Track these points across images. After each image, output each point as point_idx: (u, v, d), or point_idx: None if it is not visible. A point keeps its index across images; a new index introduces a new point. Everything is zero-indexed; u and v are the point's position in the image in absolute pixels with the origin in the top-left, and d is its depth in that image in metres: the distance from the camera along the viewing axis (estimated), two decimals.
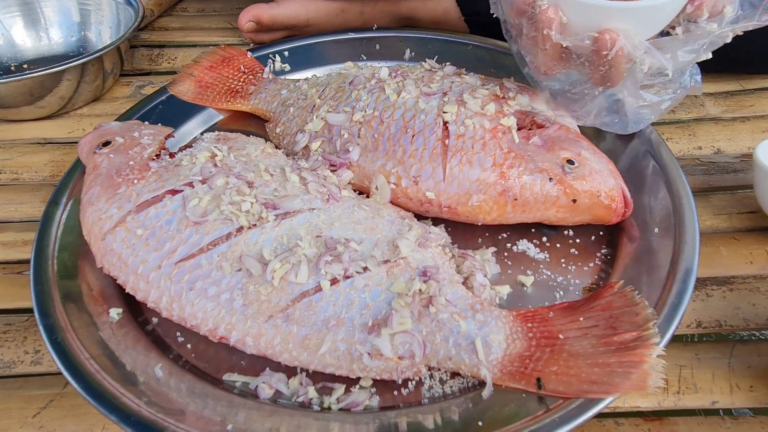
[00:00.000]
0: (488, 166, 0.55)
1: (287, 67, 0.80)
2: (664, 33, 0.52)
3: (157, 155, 0.58)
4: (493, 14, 0.59)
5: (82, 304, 0.51)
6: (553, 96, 0.61)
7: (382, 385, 0.46)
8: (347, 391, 0.46)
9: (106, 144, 0.59)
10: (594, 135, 0.64)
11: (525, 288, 0.54)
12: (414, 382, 0.46)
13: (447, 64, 0.68)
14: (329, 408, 0.45)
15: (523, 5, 0.51)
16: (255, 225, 0.50)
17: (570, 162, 0.55)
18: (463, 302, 0.48)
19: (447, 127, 0.57)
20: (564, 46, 0.51)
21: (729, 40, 0.51)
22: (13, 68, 0.88)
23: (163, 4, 1.04)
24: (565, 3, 0.49)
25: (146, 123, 0.66)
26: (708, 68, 0.57)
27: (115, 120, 0.67)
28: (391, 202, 0.58)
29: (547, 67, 0.54)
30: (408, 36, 0.82)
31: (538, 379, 0.43)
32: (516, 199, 0.55)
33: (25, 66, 0.88)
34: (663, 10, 0.49)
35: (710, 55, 0.52)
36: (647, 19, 0.49)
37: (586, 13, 0.49)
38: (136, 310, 0.52)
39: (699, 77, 0.57)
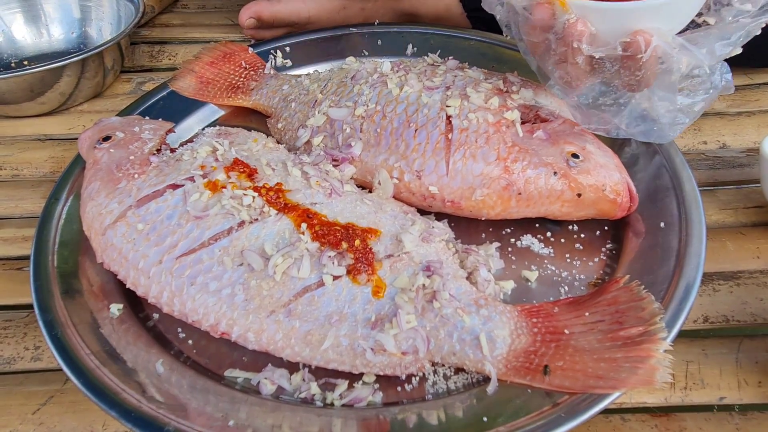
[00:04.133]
0: (492, 160, 0.55)
1: (288, 62, 0.80)
2: (692, 24, 0.50)
3: (158, 150, 0.58)
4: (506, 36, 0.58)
5: (82, 299, 0.51)
6: (583, 110, 0.59)
7: (385, 381, 0.46)
8: (350, 387, 0.45)
9: (106, 139, 0.59)
10: None
11: (529, 283, 0.53)
12: (418, 378, 0.46)
13: (450, 58, 0.67)
14: (332, 404, 0.44)
15: (547, 21, 0.49)
16: (257, 219, 0.49)
17: (575, 156, 0.55)
18: (467, 297, 0.47)
19: (450, 121, 0.57)
20: (597, 57, 0.49)
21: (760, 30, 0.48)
22: (13, 64, 0.87)
23: (164, 0, 1.04)
24: (591, 12, 0.47)
25: (147, 118, 0.66)
26: None
27: (116, 115, 0.67)
28: (394, 197, 0.58)
29: (579, 80, 0.52)
30: (410, 31, 0.82)
31: (545, 366, 0.42)
32: (520, 194, 0.55)
33: (25, 62, 0.88)
34: (693, 0, 0.47)
35: (741, 49, 0.49)
36: (677, 12, 0.47)
37: (616, 18, 0.47)
38: (136, 305, 0.52)
39: (729, 75, 0.54)
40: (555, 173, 0.54)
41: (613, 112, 0.58)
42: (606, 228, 0.57)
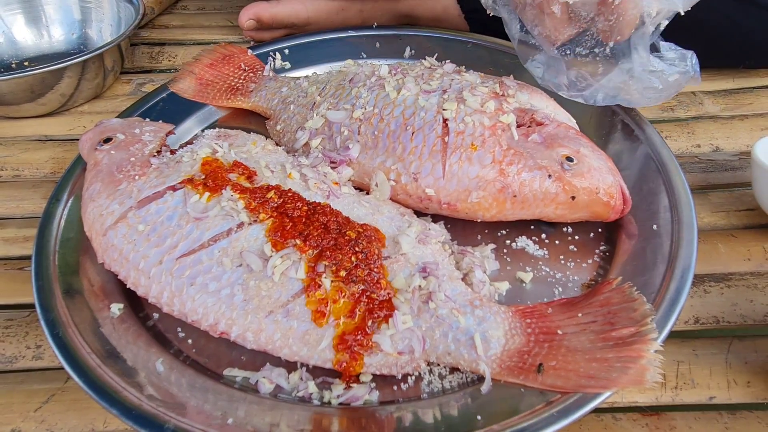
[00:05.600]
0: (488, 163, 0.56)
1: (287, 64, 0.80)
2: None
3: (158, 152, 0.59)
4: (489, 14, 0.59)
5: (83, 299, 0.51)
6: (564, 78, 0.59)
7: (381, 381, 0.46)
8: (347, 386, 0.46)
9: (107, 140, 0.59)
10: (593, 133, 0.64)
11: (524, 284, 0.54)
12: (413, 377, 0.46)
13: (447, 61, 0.68)
14: (329, 403, 0.45)
15: None
16: (256, 221, 0.50)
17: (569, 159, 0.56)
18: (462, 298, 0.48)
19: (447, 125, 0.58)
20: (571, 3, 0.50)
21: None
22: (14, 65, 0.88)
23: (164, 2, 1.05)
24: None
25: (147, 120, 0.66)
26: (707, 63, 0.57)
27: (116, 117, 0.67)
28: (391, 199, 0.59)
29: (556, 32, 0.53)
30: (408, 34, 0.83)
31: (540, 365, 0.43)
32: (515, 196, 0.55)
33: (26, 63, 0.88)
34: None
35: None
36: None
37: None
38: (137, 305, 0.53)
39: (698, 68, 0.56)
40: (549, 176, 0.55)
41: (591, 67, 0.58)
42: (599, 230, 0.58)
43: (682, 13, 0.52)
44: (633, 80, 0.57)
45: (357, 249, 0.48)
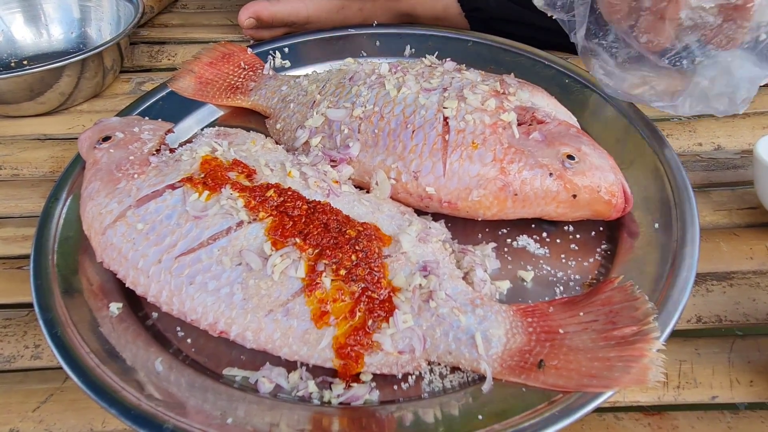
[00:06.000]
0: (488, 161, 0.55)
1: (287, 63, 0.80)
2: None
3: (157, 150, 0.58)
4: (551, 16, 0.56)
5: (82, 298, 0.51)
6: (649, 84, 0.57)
7: (382, 380, 0.46)
8: (347, 385, 0.46)
9: (106, 139, 0.59)
10: (594, 132, 0.64)
11: (525, 283, 0.54)
12: (414, 377, 0.46)
13: (447, 60, 0.68)
14: (329, 402, 0.45)
15: None
16: (255, 219, 0.50)
17: (570, 157, 0.55)
18: (463, 297, 0.48)
19: (447, 123, 0.57)
20: (707, 8, 0.46)
21: None
22: (12, 64, 0.88)
23: (163, 0, 1.04)
24: None
25: (146, 118, 0.66)
26: None
27: (115, 116, 0.67)
28: (392, 198, 0.58)
29: (671, 38, 0.49)
30: (408, 33, 0.82)
31: (540, 361, 0.43)
32: (516, 195, 0.55)
33: (24, 62, 0.88)
34: None
35: None
36: None
37: None
38: (136, 304, 0.52)
39: None
40: (551, 174, 0.55)
41: (684, 83, 0.55)
42: (601, 229, 0.58)
43: None
44: (727, 88, 0.54)
45: (357, 248, 0.48)
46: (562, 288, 0.53)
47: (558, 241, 0.57)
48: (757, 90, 0.53)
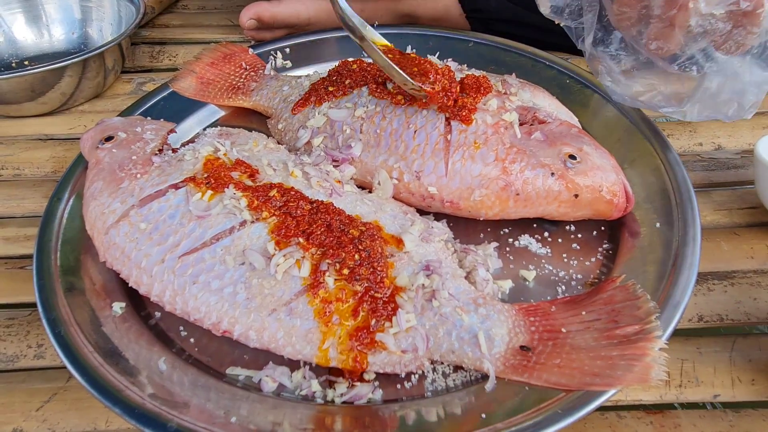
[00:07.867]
0: (490, 161, 0.55)
1: (288, 63, 0.80)
2: None
3: (160, 150, 0.58)
4: (559, 23, 0.56)
5: (84, 298, 0.51)
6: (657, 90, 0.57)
7: (385, 379, 0.46)
8: (350, 384, 0.46)
9: (108, 139, 0.59)
10: (595, 132, 0.64)
11: (527, 282, 0.54)
12: (417, 376, 0.46)
13: (448, 60, 0.68)
14: (332, 401, 0.45)
15: None
16: (258, 219, 0.50)
17: (572, 157, 0.55)
18: (465, 296, 0.48)
19: (449, 123, 0.58)
20: (717, 15, 0.47)
21: None
22: (14, 65, 0.88)
23: (164, 1, 1.04)
24: None
25: (148, 118, 0.66)
26: None
27: (118, 116, 0.67)
28: (394, 197, 0.59)
29: (680, 44, 0.49)
30: (409, 33, 0.82)
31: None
32: (518, 194, 0.55)
33: (26, 62, 0.88)
34: None
35: None
36: None
37: None
38: (139, 304, 0.52)
39: None
40: (552, 174, 0.55)
41: (693, 87, 0.54)
42: (603, 228, 0.58)
43: None
44: (735, 93, 0.54)
45: (360, 247, 0.48)
46: (564, 287, 0.53)
47: (560, 240, 0.57)
48: (765, 95, 0.53)
